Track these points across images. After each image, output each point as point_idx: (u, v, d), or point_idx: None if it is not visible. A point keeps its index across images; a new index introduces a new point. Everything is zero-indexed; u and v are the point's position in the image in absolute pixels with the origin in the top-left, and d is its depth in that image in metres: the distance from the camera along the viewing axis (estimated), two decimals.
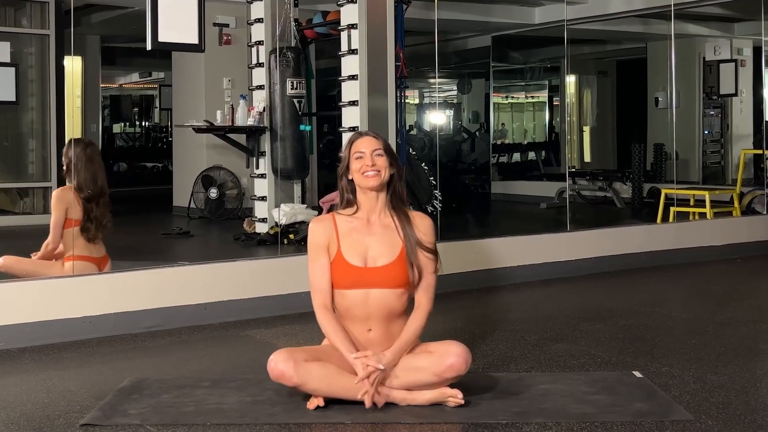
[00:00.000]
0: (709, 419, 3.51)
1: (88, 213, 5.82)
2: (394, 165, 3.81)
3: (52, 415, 3.67)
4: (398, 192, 3.82)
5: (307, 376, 3.56)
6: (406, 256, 3.74)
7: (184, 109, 11.20)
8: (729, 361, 4.46)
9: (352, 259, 3.73)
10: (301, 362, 3.56)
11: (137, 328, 5.27)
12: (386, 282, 3.72)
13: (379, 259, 3.74)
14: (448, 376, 3.60)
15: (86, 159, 5.86)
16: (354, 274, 3.72)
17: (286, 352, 3.62)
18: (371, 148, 3.76)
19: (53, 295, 5.15)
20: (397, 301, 3.74)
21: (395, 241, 3.76)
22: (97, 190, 5.87)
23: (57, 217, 5.80)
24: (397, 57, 7.95)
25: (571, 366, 4.40)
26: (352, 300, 3.72)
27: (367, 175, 3.74)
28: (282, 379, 3.57)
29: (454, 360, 3.58)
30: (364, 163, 3.74)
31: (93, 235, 5.84)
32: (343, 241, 3.76)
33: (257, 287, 5.78)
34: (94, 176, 5.87)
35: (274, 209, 8.66)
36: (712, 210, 8.83)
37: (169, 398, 3.85)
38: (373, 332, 3.74)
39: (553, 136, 16.17)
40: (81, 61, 12.28)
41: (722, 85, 13.16)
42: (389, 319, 3.74)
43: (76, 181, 5.84)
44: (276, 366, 3.57)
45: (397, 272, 3.73)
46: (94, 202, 5.85)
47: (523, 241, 7.23)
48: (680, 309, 6.07)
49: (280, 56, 8.65)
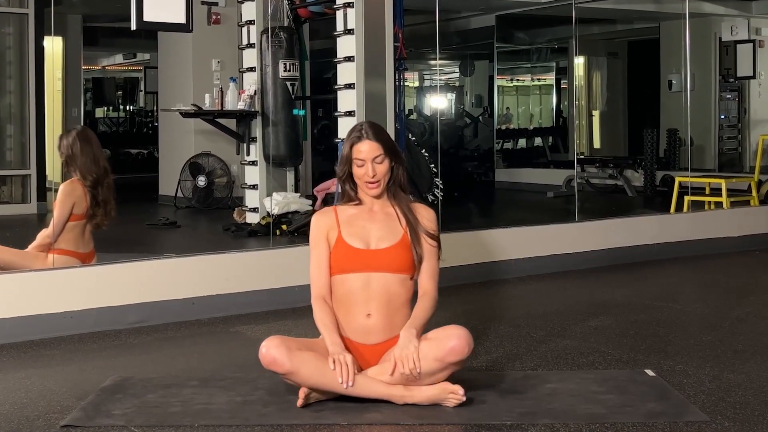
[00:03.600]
0: (726, 420, 3.51)
1: (95, 198, 5.81)
2: (395, 161, 3.89)
3: (31, 416, 3.67)
4: (399, 180, 3.92)
5: (299, 364, 3.58)
6: (410, 241, 3.82)
7: (171, 92, 11.18)
8: (747, 358, 4.46)
9: (354, 242, 3.82)
10: (294, 349, 3.60)
11: (121, 323, 5.26)
12: (388, 265, 3.78)
13: (382, 242, 3.83)
14: (450, 361, 3.61)
15: (81, 142, 5.84)
16: (355, 256, 3.79)
17: (278, 338, 3.67)
18: (372, 156, 3.82)
19: (33, 289, 5.15)
20: (399, 286, 3.80)
21: (397, 227, 3.86)
22: (101, 172, 5.86)
23: (63, 213, 5.74)
24: (395, 37, 7.92)
25: (579, 364, 4.40)
26: (353, 284, 3.78)
27: (368, 186, 3.85)
28: (274, 365, 3.59)
29: (455, 342, 3.60)
30: (365, 172, 3.82)
31: (100, 221, 5.84)
32: (344, 226, 3.86)
33: (248, 281, 5.77)
34: (95, 158, 5.85)
35: (265, 198, 8.66)
36: (729, 199, 8.82)
37: (154, 398, 3.84)
38: (372, 318, 3.77)
39: (561, 121, 16.16)
40: (62, 41, 12.25)
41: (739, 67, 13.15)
42: (390, 306, 3.78)
43: (78, 170, 5.82)
44: (268, 352, 3.59)
45: (399, 255, 3.80)
46: (100, 185, 5.83)
47: (528, 232, 7.22)
48: (695, 304, 6.08)
49: (273, 36, 8.63)
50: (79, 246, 5.84)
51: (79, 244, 5.84)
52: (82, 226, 5.83)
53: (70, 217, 5.78)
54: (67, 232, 5.78)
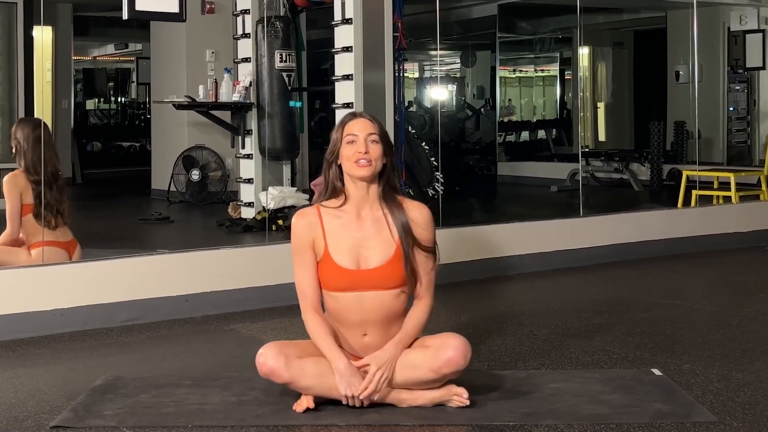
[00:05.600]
0: (734, 421, 3.51)
1: (41, 198, 5.76)
2: (389, 154, 3.73)
3: (20, 417, 3.67)
4: (392, 183, 3.75)
5: (299, 373, 3.55)
6: (403, 254, 3.68)
7: (164, 83, 11.17)
8: (756, 357, 4.46)
9: (343, 261, 3.67)
10: (292, 358, 3.56)
11: (112, 321, 5.26)
12: (381, 284, 3.67)
13: (372, 260, 3.68)
14: (446, 372, 3.58)
15: (33, 140, 5.79)
16: (345, 278, 3.66)
17: (276, 346, 3.61)
18: (365, 132, 3.67)
19: (21, 286, 5.15)
20: (394, 301, 3.70)
21: (389, 238, 3.70)
22: (48, 175, 5.78)
23: (13, 205, 5.73)
24: (395, 27, 7.92)
25: (584, 363, 4.40)
26: (345, 303, 3.68)
27: (359, 164, 3.65)
28: (272, 376, 3.56)
29: (452, 354, 3.56)
30: (356, 150, 3.65)
31: (49, 221, 5.79)
32: (331, 239, 3.69)
33: (243, 277, 5.77)
34: (43, 159, 5.78)
35: (261, 193, 8.65)
36: (738, 193, 8.82)
37: (147, 398, 3.84)
38: (369, 337, 3.71)
39: (565, 113, 16.15)
40: (51, 31, 12.24)
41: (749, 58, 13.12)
42: (387, 322, 3.70)
43: (23, 164, 5.80)
44: (266, 362, 3.56)
45: (392, 272, 3.68)
46: (47, 186, 5.77)
47: (532, 227, 7.22)
48: (703, 301, 6.08)
49: (268, 26, 8.62)
50: (58, 236, 5.81)
51: (57, 234, 5.81)
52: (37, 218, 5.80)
53: (25, 208, 5.75)
54: (31, 225, 5.75)
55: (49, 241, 5.78)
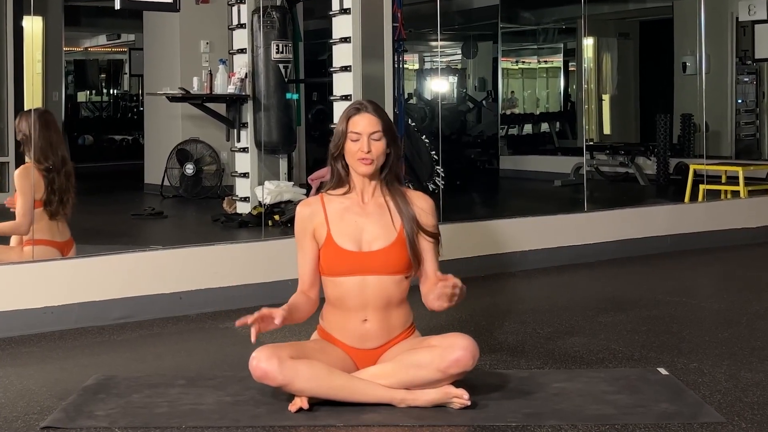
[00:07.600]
0: (743, 421, 3.51)
1: (51, 185, 5.77)
2: (392, 145, 3.82)
3: (9, 417, 3.67)
4: (395, 171, 3.85)
5: (292, 375, 3.56)
6: (406, 239, 3.76)
7: (157, 75, 11.15)
8: (765, 356, 4.46)
9: (345, 243, 3.75)
10: (286, 360, 3.57)
11: (104, 319, 5.26)
12: (383, 268, 3.73)
13: (375, 243, 3.76)
14: (453, 372, 3.60)
15: (41, 126, 5.80)
16: (347, 260, 3.74)
17: (269, 348, 3.62)
18: (369, 131, 3.76)
19: (10, 283, 5.14)
20: (395, 288, 3.76)
21: (389, 224, 3.79)
22: (58, 160, 5.81)
23: (26, 200, 5.68)
24: (394, 17, 7.91)
25: (588, 362, 4.40)
26: (347, 288, 3.74)
27: (361, 161, 3.76)
28: (265, 379, 3.57)
29: (460, 354, 3.58)
30: (359, 148, 3.75)
31: (55, 209, 5.78)
32: (334, 223, 3.79)
33: (238, 274, 5.77)
34: (53, 144, 5.81)
35: (257, 187, 8.65)
36: (747, 188, 8.82)
37: (139, 398, 3.84)
38: (369, 323, 3.76)
39: (569, 105, 16.16)
40: (42, 21, 12.20)
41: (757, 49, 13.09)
42: (387, 308, 3.76)
43: (33, 154, 5.79)
44: (258, 365, 3.57)
45: (395, 256, 3.75)
46: (55, 172, 5.79)
47: (535, 222, 7.22)
48: (711, 298, 6.08)
49: (264, 16, 8.61)
50: (55, 234, 5.79)
51: (54, 232, 5.80)
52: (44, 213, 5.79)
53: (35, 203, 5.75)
54: (39, 220, 5.74)
55: (46, 239, 5.73)
